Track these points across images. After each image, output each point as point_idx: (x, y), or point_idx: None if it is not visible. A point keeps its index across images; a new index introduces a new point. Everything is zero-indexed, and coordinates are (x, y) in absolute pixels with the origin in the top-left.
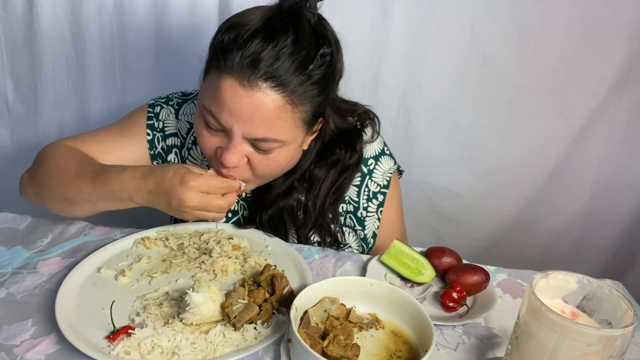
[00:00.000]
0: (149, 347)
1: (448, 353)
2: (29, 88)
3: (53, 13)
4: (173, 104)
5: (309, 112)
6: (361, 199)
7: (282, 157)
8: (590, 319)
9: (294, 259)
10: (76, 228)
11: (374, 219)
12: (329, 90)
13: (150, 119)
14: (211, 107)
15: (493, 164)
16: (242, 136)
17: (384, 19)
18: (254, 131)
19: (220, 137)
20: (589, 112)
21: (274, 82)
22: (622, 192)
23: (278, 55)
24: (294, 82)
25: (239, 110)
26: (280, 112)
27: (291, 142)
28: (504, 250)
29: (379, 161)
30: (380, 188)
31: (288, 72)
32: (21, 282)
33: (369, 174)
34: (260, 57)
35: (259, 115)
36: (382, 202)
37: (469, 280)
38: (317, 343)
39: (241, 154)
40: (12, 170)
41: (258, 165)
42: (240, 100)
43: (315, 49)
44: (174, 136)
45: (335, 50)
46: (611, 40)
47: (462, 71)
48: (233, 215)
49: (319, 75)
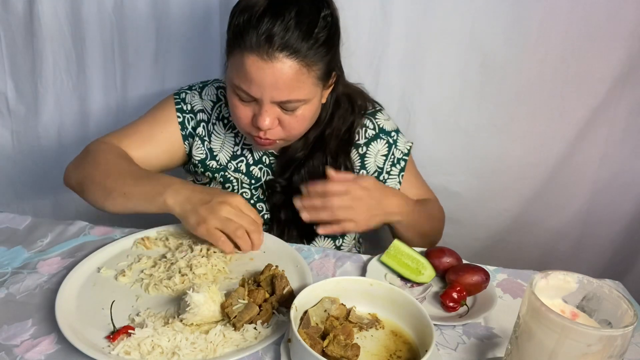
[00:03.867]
0: (149, 347)
1: (448, 353)
2: (29, 88)
3: (53, 13)
4: (196, 88)
5: (322, 70)
6: (386, 165)
7: (307, 112)
8: (590, 319)
9: (294, 259)
10: (76, 228)
11: (395, 181)
12: (335, 47)
13: (178, 103)
14: (240, 84)
15: (493, 164)
16: (270, 101)
17: (384, 19)
18: (280, 95)
19: (252, 106)
20: (589, 112)
21: (288, 51)
22: (622, 192)
23: (287, 27)
24: (304, 48)
25: (264, 80)
26: (298, 75)
27: (312, 98)
28: (504, 250)
29: (399, 134)
30: (403, 155)
31: (298, 40)
32: (21, 282)
33: (394, 143)
34: (272, 32)
35: (281, 81)
36: (403, 167)
37: (469, 280)
38: (317, 343)
39: (273, 117)
40: (12, 170)
41: (288, 124)
42: (263, 72)
43: (317, 13)
44: (201, 112)
45: (336, 13)
46: (611, 40)
47: (462, 71)
48: (256, 182)
49: (325, 36)
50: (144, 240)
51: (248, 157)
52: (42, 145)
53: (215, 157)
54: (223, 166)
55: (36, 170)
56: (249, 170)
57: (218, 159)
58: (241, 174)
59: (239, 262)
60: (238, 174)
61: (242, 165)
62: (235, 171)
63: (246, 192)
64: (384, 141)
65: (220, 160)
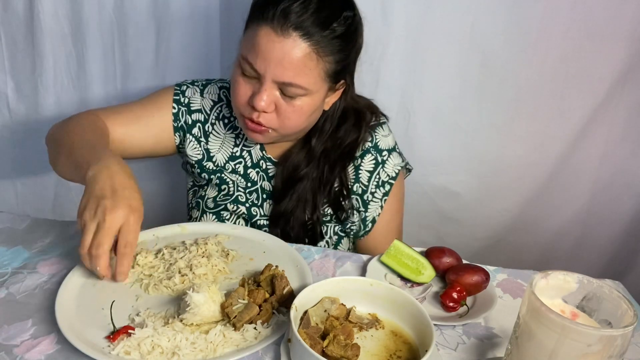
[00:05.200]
0: (149, 347)
1: (448, 353)
2: (29, 87)
3: (53, 13)
4: (198, 85)
5: (333, 66)
6: (370, 184)
7: (306, 106)
8: (590, 319)
9: (294, 259)
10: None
11: (377, 205)
12: (350, 49)
13: (177, 94)
14: (248, 55)
15: (493, 164)
16: (272, 80)
17: (384, 19)
18: (283, 74)
19: (253, 84)
20: (589, 112)
21: (301, 31)
22: (622, 192)
23: (306, 9)
24: (318, 34)
25: (271, 54)
26: (306, 59)
27: (315, 93)
28: (504, 250)
29: (391, 155)
30: (389, 178)
31: (314, 25)
32: (21, 282)
33: (382, 163)
34: (290, 9)
35: (287, 60)
36: (387, 191)
37: (469, 280)
38: (317, 343)
39: (270, 99)
40: (13, 170)
41: (284, 112)
42: (273, 45)
43: (339, 11)
44: (198, 112)
45: (359, 21)
46: (611, 40)
47: (462, 71)
48: (252, 185)
49: (342, 31)
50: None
51: (247, 159)
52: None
53: (212, 158)
54: (220, 167)
55: (36, 170)
56: (246, 172)
57: (215, 160)
58: (238, 176)
59: (239, 262)
60: (235, 175)
61: (239, 167)
62: (232, 172)
63: (241, 195)
64: (372, 157)
65: (217, 161)
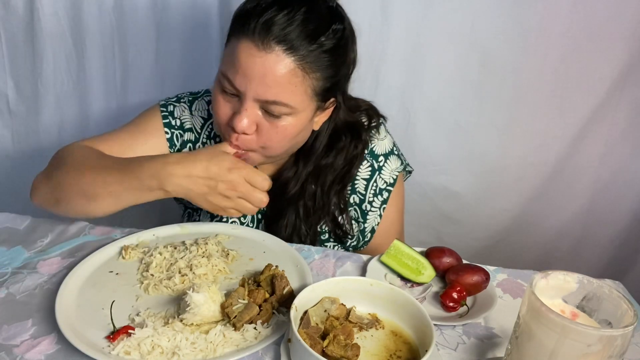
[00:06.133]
0: (149, 347)
1: (448, 353)
2: (29, 88)
3: (53, 13)
4: (185, 102)
5: (321, 83)
6: (368, 193)
7: (290, 127)
8: (590, 319)
9: (294, 259)
10: (76, 228)
11: (376, 214)
12: (340, 66)
13: (165, 117)
14: (227, 72)
15: (493, 163)
16: (253, 98)
17: (383, 19)
18: (265, 92)
19: (233, 103)
20: (589, 112)
21: (285, 45)
22: (622, 192)
23: (291, 21)
24: (304, 48)
25: (252, 70)
26: (291, 76)
27: (301, 112)
28: (504, 250)
29: (388, 159)
30: (386, 185)
31: (299, 38)
32: (21, 282)
33: (378, 170)
34: (273, 21)
35: (270, 77)
36: (386, 199)
37: (469, 280)
38: (317, 343)
39: (252, 119)
40: (13, 170)
41: (266, 133)
42: (254, 60)
43: (328, 23)
44: (189, 131)
45: (350, 35)
46: (611, 40)
47: (462, 71)
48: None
49: (330, 46)
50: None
51: None
52: (42, 146)
53: None
54: None
55: (36, 170)
56: None
57: None
58: None
59: (239, 262)
60: None
61: None
62: None
63: (234, 220)
64: (367, 164)
65: None
